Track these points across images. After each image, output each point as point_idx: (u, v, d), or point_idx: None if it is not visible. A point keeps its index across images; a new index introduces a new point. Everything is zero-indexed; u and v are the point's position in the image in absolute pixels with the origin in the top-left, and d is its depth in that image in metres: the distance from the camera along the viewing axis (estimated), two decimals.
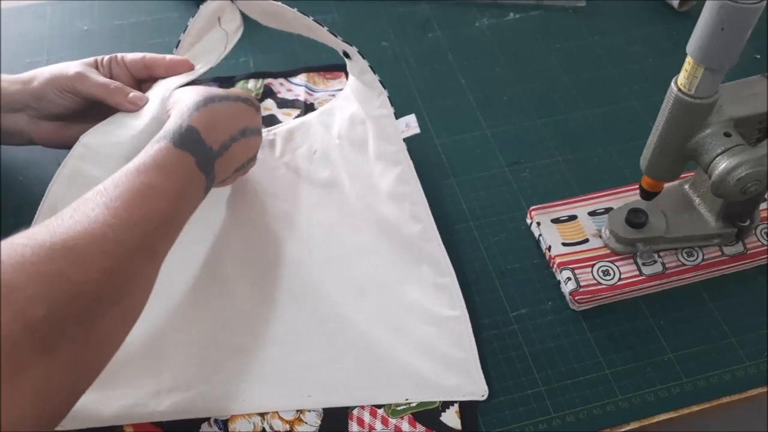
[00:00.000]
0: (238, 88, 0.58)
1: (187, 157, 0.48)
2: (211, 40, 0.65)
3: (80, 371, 0.40)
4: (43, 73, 0.59)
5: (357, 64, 0.64)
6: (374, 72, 0.65)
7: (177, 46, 0.64)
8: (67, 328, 0.38)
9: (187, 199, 0.49)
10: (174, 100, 0.55)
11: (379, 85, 0.65)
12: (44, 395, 0.37)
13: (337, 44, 0.64)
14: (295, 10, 0.62)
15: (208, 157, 0.50)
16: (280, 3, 0.62)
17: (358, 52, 0.63)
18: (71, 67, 0.59)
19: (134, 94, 0.58)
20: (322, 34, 0.64)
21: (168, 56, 0.61)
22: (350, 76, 0.67)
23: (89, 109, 0.60)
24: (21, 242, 0.38)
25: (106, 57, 0.61)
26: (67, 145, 0.57)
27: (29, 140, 0.62)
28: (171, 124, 0.50)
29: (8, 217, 0.63)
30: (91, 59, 0.61)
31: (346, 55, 0.64)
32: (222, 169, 0.53)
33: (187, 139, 0.49)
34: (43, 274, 0.38)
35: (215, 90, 0.55)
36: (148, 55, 0.61)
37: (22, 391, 0.35)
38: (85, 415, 0.50)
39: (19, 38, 0.80)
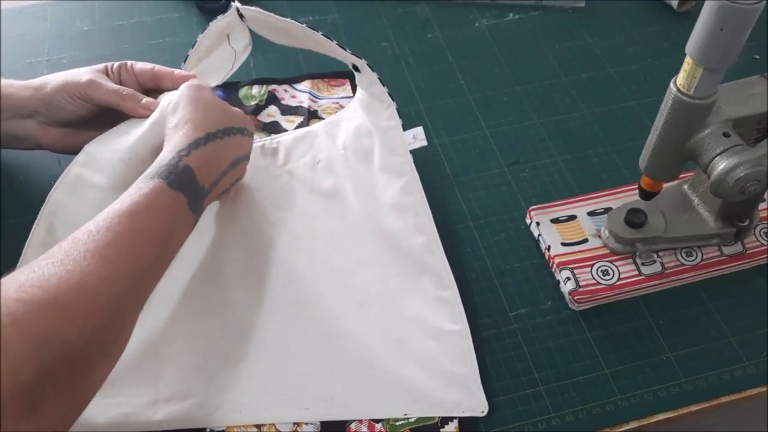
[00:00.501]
0: (239, 111, 0.58)
1: (180, 197, 0.48)
2: (219, 57, 0.66)
3: (66, 421, 0.40)
4: (55, 79, 0.59)
5: (366, 76, 0.65)
6: (383, 84, 0.65)
7: (185, 61, 0.65)
8: (57, 386, 0.38)
9: (176, 240, 0.48)
10: (167, 107, 0.55)
11: (388, 97, 0.65)
12: None
13: (346, 57, 0.64)
14: (305, 25, 0.62)
15: (200, 197, 0.50)
16: (289, 19, 0.62)
17: (367, 64, 0.64)
18: (83, 73, 0.59)
19: (147, 100, 0.58)
20: (331, 48, 0.64)
21: (176, 71, 0.61)
22: (359, 89, 0.67)
23: (98, 117, 0.60)
24: (12, 297, 0.37)
25: (116, 64, 0.61)
26: (75, 151, 0.58)
27: (37, 145, 0.62)
28: (166, 160, 0.49)
29: (8, 217, 0.63)
30: (101, 65, 0.61)
31: (356, 68, 0.65)
32: (208, 201, 0.53)
33: (183, 179, 0.48)
34: (34, 333, 0.37)
35: (217, 118, 0.54)
36: (157, 66, 0.61)
37: None
38: (79, 423, 0.49)
39: (20, 38, 0.80)
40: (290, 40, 0.65)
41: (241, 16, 0.63)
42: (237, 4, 0.63)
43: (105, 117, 0.60)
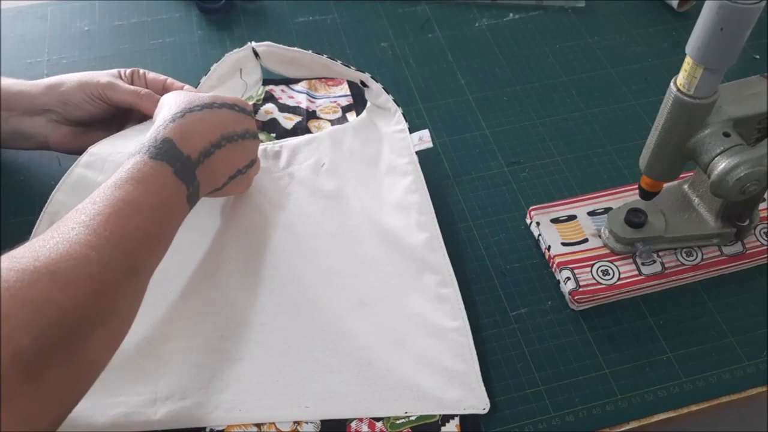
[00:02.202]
0: (229, 95, 0.58)
1: (164, 167, 0.48)
2: (230, 88, 0.67)
3: (67, 394, 0.40)
4: (71, 78, 0.60)
5: (373, 90, 0.67)
6: (388, 93, 0.68)
7: (197, 87, 0.65)
8: (54, 354, 0.38)
9: (168, 211, 0.48)
10: (158, 108, 0.55)
11: (393, 104, 0.68)
12: (32, 421, 0.37)
13: (352, 75, 0.67)
14: (311, 51, 0.66)
15: (187, 165, 0.50)
16: (297, 48, 0.66)
17: (372, 77, 0.67)
18: (101, 75, 0.60)
19: None
20: (337, 69, 0.67)
21: (187, 86, 0.62)
22: (369, 102, 0.69)
23: (108, 118, 0.61)
24: (5, 266, 0.38)
25: (128, 70, 0.62)
26: (79, 151, 0.59)
27: (42, 144, 0.62)
28: (147, 137, 0.50)
29: (8, 217, 0.63)
30: (114, 71, 0.62)
31: (363, 84, 0.68)
32: (208, 176, 0.52)
33: (162, 150, 0.48)
34: (28, 300, 0.37)
35: (198, 98, 0.54)
36: (170, 79, 0.62)
37: (10, 419, 0.35)
38: (78, 423, 0.49)
39: (20, 38, 0.80)
40: (301, 70, 0.69)
41: (256, 55, 0.67)
42: (253, 43, 0.67)
43: (114, 119, 0.61)
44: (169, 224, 0.48)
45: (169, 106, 0.53)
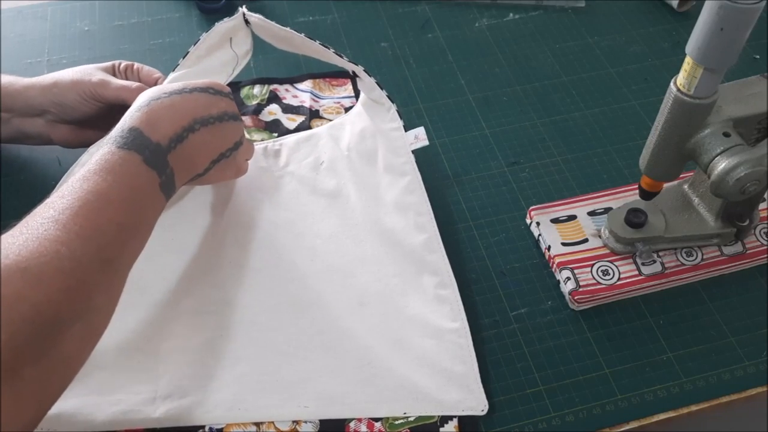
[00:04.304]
0: (201, 80, 0.57)
1: (133, 156, 0.47)
2: (219, 60, 0.66)
3: (44, 391, 0.40)
4: (64, 78, 0.60)
5: (365, 82, 0.67)
6: (381, 88, 0.67)
7: (184, 57, 0.64)
8: (29, 352, 0.38)
9: (140, 201, 0.47)
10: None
11: (387, 100, 0.67)
12: (10, 419, 0.37)
13: (344, 65, 0.66)
14: (303, 35, 0.65)
15: (157, 153, 0.48)
16: (288, 29, 0.65)
17: (365, 70, 0.66)
18: (92, 72, 0.60)
19: None
20: (328, 56, 0.66)
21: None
22: (362, 93, 0.69)
23: (107, 114, 0.61)
24: None
25: (124, 63, 0.62)
26: (86, 145, 0.59)
27: (48, 141, 0.63)
28: (114, 129, 0.49)
29: (8, 218, 0.63)
30: (108, 64, 0.62)
31: (355, 74, 0.67)
32: (183, 162, 0.51)
33: (129, 139, 0.47)
34: (1, 297, 0.37)
35: (167, 87, 0.53)
36: (163, 76, 0.62)
37: None
38: (78, 420, 0.49)
39: (20, 38, 0.80)
40: (291, 47, 0.67)
41: (246, 21, 0.65)
42: (244, 9, 0.65)
43: (112, 114, 0.60)
44: (142, 215, 0.47)
45: (137, 100, 0.52)
